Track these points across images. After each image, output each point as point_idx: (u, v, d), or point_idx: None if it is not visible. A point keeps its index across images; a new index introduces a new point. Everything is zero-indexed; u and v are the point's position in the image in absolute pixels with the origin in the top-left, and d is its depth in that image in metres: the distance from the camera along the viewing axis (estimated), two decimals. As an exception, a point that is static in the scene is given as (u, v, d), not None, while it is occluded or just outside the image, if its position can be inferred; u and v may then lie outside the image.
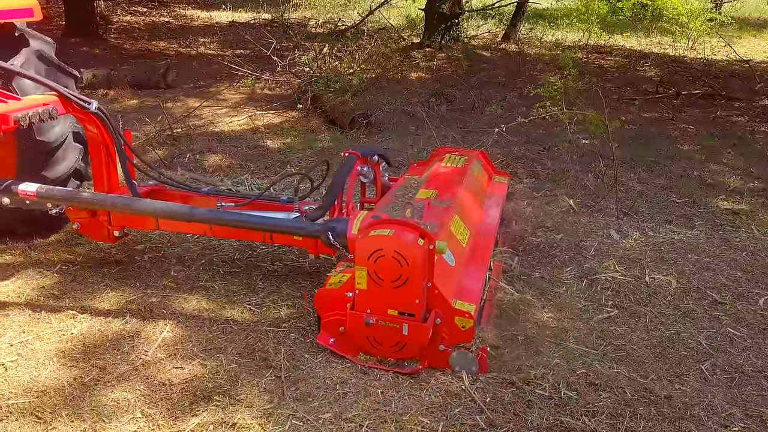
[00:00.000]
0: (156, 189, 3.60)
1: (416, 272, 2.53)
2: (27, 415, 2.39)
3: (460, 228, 3.15)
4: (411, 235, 2.57)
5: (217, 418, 2.41)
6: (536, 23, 12.73)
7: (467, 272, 2.97)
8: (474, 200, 3.58)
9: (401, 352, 2.68)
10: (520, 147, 5.82)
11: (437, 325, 2.63)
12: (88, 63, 8.57)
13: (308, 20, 13.15)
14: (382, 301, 2.61)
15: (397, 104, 7.05)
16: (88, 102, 3.20)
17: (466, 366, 2.66)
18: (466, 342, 2.64)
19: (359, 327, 2.66)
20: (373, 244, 2.57)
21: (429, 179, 3.58)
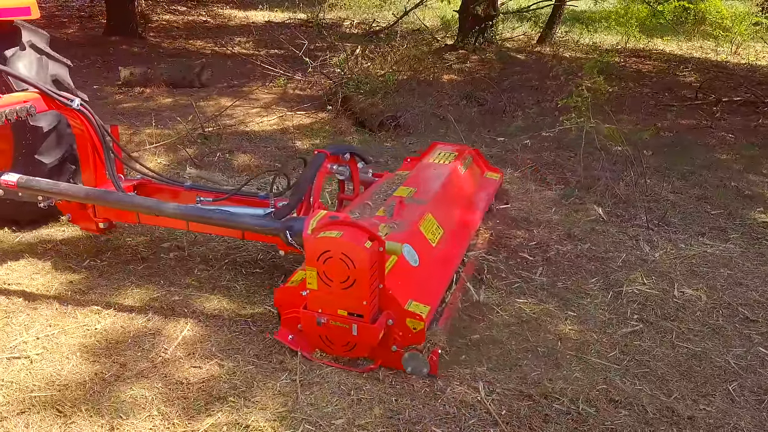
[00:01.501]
0: (142, 183, 3.68)
1: (364, 274, 2.52)
2: (48, 409, 2.45)
3: (432, 227, 3.14)
4: (358, 237, 2.56)
5: (231, 419, 2.43)
6: (573, 26, 12.52)
7: (431, 273, 2.95)
8: (455, 198, 3.54)
9: (352, 352, 2.69)
10: (551, 152, 5.73)
11: (389, 326, 2.63)
12: (126, 61, 8.77)
13: (343, 21, 13.20)
14: (332, 302, 2.62)
15: (426, 106, 7.01)
16: (70, 99, 3.29)
17: (418, 367, 2.66)
18: (417, 344, 2.64)
19: (312, 326, 2.68)
20: (322, 245, 2.57)
21: (411, 176, 3.60)
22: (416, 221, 3.07)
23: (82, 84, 7.88)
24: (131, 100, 7.30)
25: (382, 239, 2.59)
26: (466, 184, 3.79)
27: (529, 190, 4.85)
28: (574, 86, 5.87)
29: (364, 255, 2.50)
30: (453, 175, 3.68)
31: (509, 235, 4.03)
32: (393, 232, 2.93)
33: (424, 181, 3.54)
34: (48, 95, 3.24)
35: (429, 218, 3.17)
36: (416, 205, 3.21)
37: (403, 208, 3.15)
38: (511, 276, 3.56)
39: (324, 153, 3.24)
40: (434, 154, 3.99)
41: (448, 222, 3.30)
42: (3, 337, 2.88)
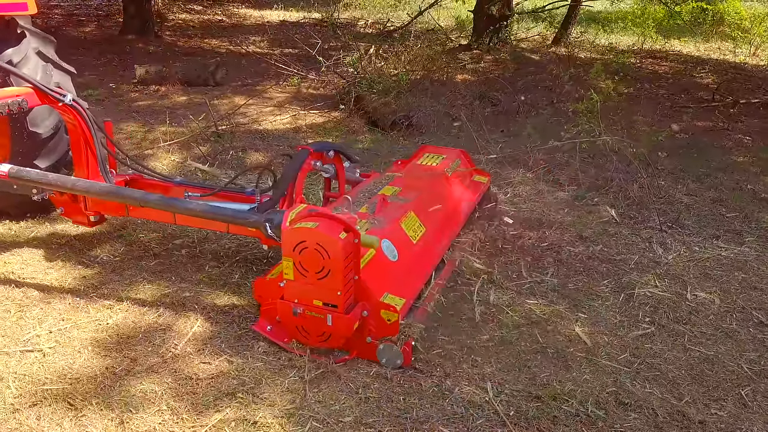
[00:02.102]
0: (133, 178, 3.74)
1: (338, 265, 2.55)
2: (60, 401, 2.48)
3: (414, 225, 3.20)
4: (333, 228, 2.59)
5: (239, 415, 2.44)
6: (588, 26, 12.43)
7: (410, 268, 2.98)
8: (440, 199, 3.60)
9: (327, 342, 2.72)
10: (564, 154, 5.68)
11: (364, 317, 2.68)
12: (142, 59, 8.86)
13: (357, 20, 13.21)
14: (308, 292, 2.66)
15: (439, 106, 7.00)
16: (62, 95, 3.34)
17: (392, 359, 2.70)
18: (391, 335, 2.68)
19: (288, 316, 2.72)
20: (298, 235, 2.61)
21: (398, 177, 3.68)
22: (398, 218, 3.14)
23: (99, 82, 7.98)
24: (146, 98, 7.36)
25: (357, 231, 2.63)
26: (452, 185, 3.85)
27: (542, 191, 4.82)
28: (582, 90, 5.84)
29: (338, 246, 2.54)
30: (439, 177, 3.76)
31: (521, 236, 4.01)
32: (373, 228, 2.98)
33: (410, 181, 3.63)
34: (41, 90, 3.30)
35: (411, 216, 3.24)
36: (399, 204, 3.29)
37: (386, 206, 3.22)
38: (522, 277, 3.55)
39: (307, 149, 3.26)
40: (423, 156, 4.07)
41: (431, 221, 3.36)
42: (17, 331, 2.91)
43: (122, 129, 6.09)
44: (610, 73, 8.79)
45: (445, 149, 4.30)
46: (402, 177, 3.70)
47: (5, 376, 2.60)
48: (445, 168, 3.88)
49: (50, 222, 4.03)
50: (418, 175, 3.75)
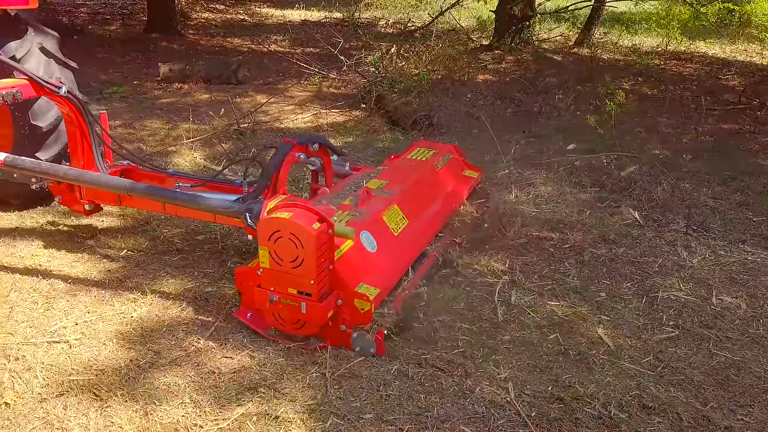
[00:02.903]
0: (128, 169, 3.82)
1: (311, 254, 2.60)
2: (85, 392, 2.52)
3: (397, 217, 3.24)
4: (307, 218, 2.64)
5: (261, 409, 2.45)
6: (612, 27, 12.31)
7: (389, 259, 3.01)
8: (426, 192, 3.64)
9: (302, 330, 2.78)
10: (585, 155, 5.62)
11: (339, 306, 2.73)
12: (165, 57, 8.96)
13: (378, 20, 13.23)
14: (283, 280, 2.71)
15: (460, 106, 6.99)
16: (57, 87, 3.43)
17: (365, 347, 2.75)
18: (364, 324, 2.73)
19: (265, 304, 2.78)
20: (273, 225, 2.66)
21: (386, 170, 3.74)
22: (380, 211, 3.18)
23: (123, 79, 8.09)
24: (170, 95, 7.44)
25: (331, 222, 2.68)
26: (441, 180, 3.87)
27: (564, 192, 4.78)
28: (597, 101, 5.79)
29: (311, 236, 2.59)
30: (427, 171, 3.80)
31: (543, 237, 3.98)
32: (354, 220, 3.02)
33: (397, 174, 3.68)
34: (36, 82, 3.38)
35: (394, 209, 3.27)
36: (383, 196, 3.34)
37: (369, 198, 3.27)
38: (544, 278, 3.52)
39: (291, 142, 3.31)
40: (414, 150, 4.12)
41: (414, 214, 3.38)
42: (44, 322, 2.97)
43: (146, 126, 6.17)
44: (633, 75, 8.71)
45: (438, 144, 4.33)
46: (390, 170, 3.76)
47: (33, 366, 2.65)
48: (435, 162, 3.92)
49: (76, 217, 4.09)
50: (406, 169, 3.80)
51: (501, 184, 4.87)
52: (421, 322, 2.94)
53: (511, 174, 5.07)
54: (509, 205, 4.44)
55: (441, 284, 3.35)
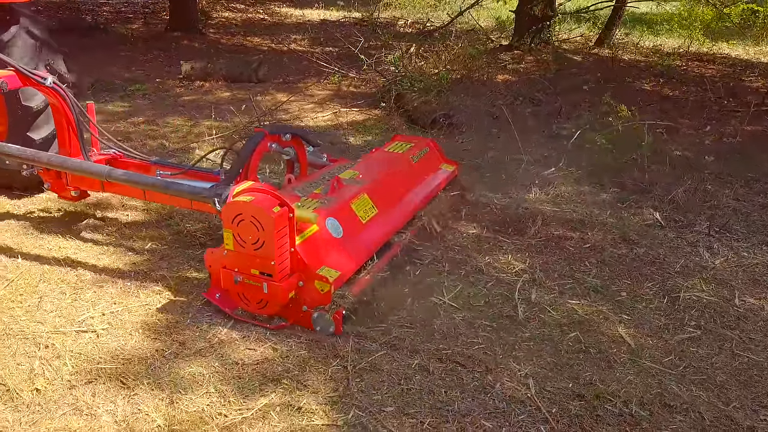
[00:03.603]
0: (114, 157, 3.94)
1: (271, 236, 2.72)
2: (113, 380, 2.57)
3: (366, 206, 3.36)
4: (268, 202, 2.77)
5: (284, 400, 2.49)
6: (633, 28, 12.21)
7: (353, 245, 3.12)
8: (398, 184, 3.74)
9: (264, 309, 2.91)
10: (607, 154, 5.60)
11: (300, 287, 2.85)
12: (187, 56, 9.06)
13: (397, 20, 13.25)
14: (246, 262, 2.84)
15: (480, 106, 6.99)
16: (43, 78, 3.54)
17: (325, 327, 2.87)
18: (324, 304, 2.85)
19: (231, 284, 2.91)
20: (236, 209, 2.80)
21: (361, 162, 3.87)
22: (349, 199, 3.29)
23: (146, 77, 8.20)
24: (191, 93, 7.53)
25: (291, 206, 2.80)
26: (415, 172, 3.96)
27: (583, 191, 4.77)
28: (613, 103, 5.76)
29: (271, 218, 2.71)
30: (401, 163, 3.91)
31: (563, 236, 3.98)
32: (321, 207, 3.13)
33: (371, 166, 3.80)
34: (22, 73, 3.50)
35: (364, 198, 3.39)
36: (354, 186, 3.44)
37: (340, 187, 3.38)
38: (564, 277, 3.52)
39: (262, 131, 3.41)
40: (393, 144, 4.22)
41: (385, 203, 3.48)
42: (72, 312, 3.03)
43: (168, 123, 6.26)
44: (654, 76, 8.65)
45: (416, 138, 4.45)
46: (365, 162, 3.88)
47: (62, 354, 2.71)
48: (411, 155, 4.02)
49: (101, 209, 4.17)
50: (380, 161, 3.92)
51: (521, 183, 4.86)
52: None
53: (530, 173, 5.07)
54: (529, 204, 4.44)
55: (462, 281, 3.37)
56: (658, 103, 7.40)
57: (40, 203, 4.25)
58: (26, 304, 3.07)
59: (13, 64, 3.49)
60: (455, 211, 4.18)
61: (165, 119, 6.36)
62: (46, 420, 2.37)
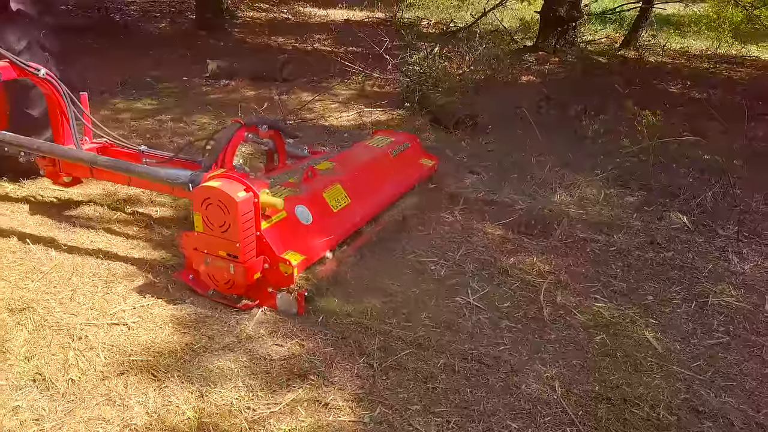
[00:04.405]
0: (104, 146, 4.15)
1: (236, 220, 2.86)
2: (144, 372, 2.63)
3: (339, 196, 3.50)
4: (234, 187, 2.90)
5: (311, 396, 2.52)
6: (660, 29, 12.06)
7: (322, 232, 3.25)
8: (375, 176, 3.86)
9: (232, 289, 3.05)
10: (633, 157, 5.56)
11: (266, 269, 2.99)
12: (213, 55, 9.15)
13: (420, 20, 13.25)
14: (214, 244, 2.99)
15: (504, 107, 6.96)
16: (37, 69, 3.74)
17: (288, 307, 3.02)
18: (287, 286, 3.00)
19: (201, 265, 3.07)
20: (204, 193, 2.95)
21: (340, 155, 4.02)
22: (321, 189, 3.43)
23: (172, 75, 8.31)
24: (217, 91, 7.62)
25: (256, 192, 2.93)
26: (392, 166, 4.07)
27: (609, 194, 4.73)
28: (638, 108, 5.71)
29: (235, 203, 2.85)
30: (379, 157, 4.04)
31: (588, 239, 3.96)
32: (293, 195, 3.28)
33: (349, 158, 3.94)
34: (16, 64, 3.68)
35: (337, 188, 3.52)
36: (328, 176, 3.59)
37: (314, 177, 3.52)
38: (590, 280, 3.51)
39: (238, 122, 3.55)
40: (374, 138, 4.37)
41: (358, 194, 3.60)
42: (104, 305, 3.09)
43: (195, 121, 6.34)
44: (681, 78, 8.54)
45: (397, 133, 4.57)
46: (343, 155, 4.03)
47: (95, 346, 2.77)
48: (391, 150, 4.14)
49: (131, 205, 4.25)
50: (359, 154, 4.07)
51: (545, 184, 4.85)
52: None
53: (555, 175, 5.04)
54: (554, 206, 4.42)
55: (487, 282, 3.37)
56: (685, 105, 7.31)
57: (73, 199, 4.34)
58: (60, 296, 3.14)
59: (7, 56, 3.65)
60: (431, 203, 4.29)
61: (192, 117, 6.45)
62: (80, 409, 2.43)
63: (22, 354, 2.72)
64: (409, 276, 3.45)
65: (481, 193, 4.67)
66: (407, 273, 3.48)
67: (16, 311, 2.99)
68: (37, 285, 3.23)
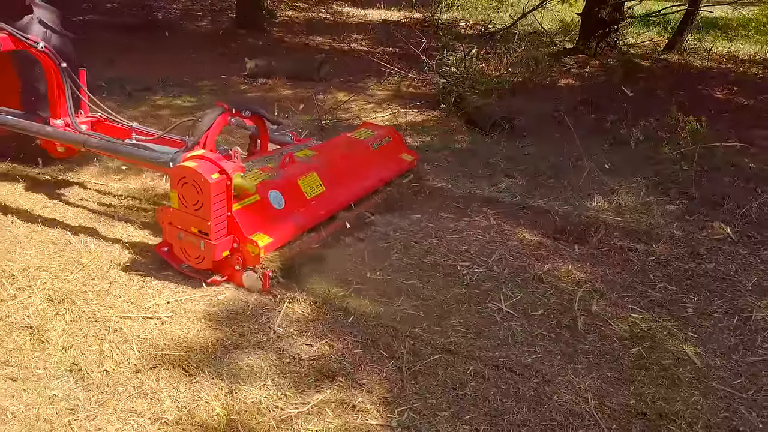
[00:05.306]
0: (98, 120, 4.34)
1: (208, 199, 3.03)
2: (176, 366, 2.66)
3: (314, 184, 3.61)
4: (208, 168, 3.06)
5: (339, 397, 2.51)
6: (706, 33, 11.71)
7: (293, 217, 3.38)
8: (352, 167, 3.96)
9: (201, 264, 3.22)
10: (675, 164, 5.40)
11: (235, 248, 3.16)
12: (252, 53, 9.26)
13: (459, 21, 13.16)
14: (187, 220, 3.17)
15: (542, 110, 6.85)
16: (36, 42, 3.93)
17: (253, 285, 3.19)
18: (253, 265, 3.16)
19: (175, 240, 3.25)
20: (181, 172, 3.12)
21: (322, 144, 4.14)
22: (296, 175, 3.56)
23: (211, 73, 8.43)
24: (255, 89, 7.71)
25: (230, 174, 3.08)
26: (371, 158, 4.15)
27: (649, 202, 4.60)
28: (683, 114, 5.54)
29: (209, 183, 3.02)
30: (360, 148, 4.13)
31: (626, 247, 3.86)
32: (268, 179, 3.40)
33: (329, 148, 4.04)
34: (14, 36, 3.87)
35: (313, 176, 3.64)
36: (305, 164, 3.70)
37: (292, 163, 3.63)
38: (627, 289, 3.42)
39: (222, 106, 3.66)
40: (358, 131, 4.44)
41: (333, 183, 3.71)
42: (139, 298, 3.15)
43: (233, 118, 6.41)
44: (728, 84, 8.27)
45: (381, 127, 4.64)
46: (324, 144, 4.14)
47: (130, 339, 2.82)
48: (372, 142, 4.23)
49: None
50: (339, 145, 4.17)
51: (583, 190, 4.75)
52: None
53: (593, 180, 4.93)
54: (591, 212, 4.33)
55: (520, 288, 3.32)
56: (731, 112, 7.08)
57: (112, 193, 4.44)
58: (97, 288, 3.21)
59: (6, 28, 3.81)
60: (463, 206, 4.33)
61: (229, 115, 6.52)
62: (114, 401, 2.47)
63: (60, 344, 2.78)
64: (441, 280, 3.42)
65: (516, 197, 4.60)
66: (438, 277, 3.45)
67: (55, 302, 3.07)
68: (76, 277, 3.30)
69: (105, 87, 7.02)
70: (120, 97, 6.70)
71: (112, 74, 7.67)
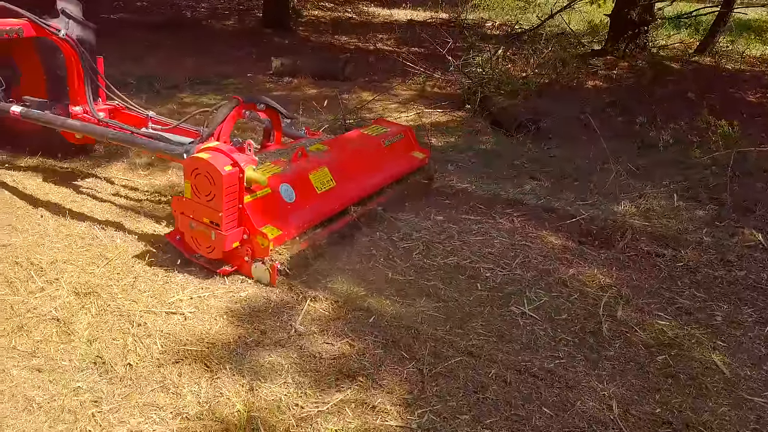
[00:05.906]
0: (116, 108, 4.44)
1: (221, 191, 3.08)
2: (198, 362, 2.68)
3: (325, 178, 3.63)
4: (221, 161, 3.11)
5: (359, 397, 2.50)
6: (739, 35, 11.46)
7: (303, 211, 3.41)
8: (363, 163, 3.95)
9: (212, 254, 3.27)
10: (705, 169, 5.28)
11: (245, 239, 3.20)
12: (278, 52, 9.32)
13: (485, 21, 13.09)
14: (200, 211, 3.22)
15: (569, 112, 6.77)
16: (57, 29, 3.98)
17: (262, 276, 3.23)
18: (262, 257, 3.19)
19: (187, 228, 3.31)
20: (194, 163, 3.16)
21: (334, 139, 4.14)
22: (308, 169, 3.57)
23: (237, 71, 8.51)
24: (280, 88, 7.75)
25: (242, 167, 3.12)
26: (382, 154, 4.14)
27: (678, 207, 4.51)
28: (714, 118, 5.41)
29: (221, 175, 3.07)
30: (371, 145, 4.13)
31: (653, 252, 3.79)
32: (280, 173, 3.41)
33: (341, 144, 4.04)
34: (36, 23, 3.91)
35: (324, 171, 3.65)
36: (317, 159, 3.70)
37: (304, 157, 3.63)
38: (654, 296, 3.35)
39: (237, 99, 3.68)
40: (371, 127, 4.43)
41: (344, 178, 3.72)
42: (163, 293, 3.18)
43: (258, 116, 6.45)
44: (761, 87, 8.07)
45: (394, 124, 4.60)
46: (337, 139, 4.13)
47: (153, 334, 2.85)
48: (384, 139, 4.21)
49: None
50: (352, 140, 4.16)
51: (609, 194, 4.67)
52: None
53: (620, 184, 4.85)
54: (618, 217, 4.25)
55: (544, 292, 3.27)
56: (764, 116, 6.90)
57: (139, 189, 4.50)
58: (122, 282, 3.25)
59: (27, 15, 3.85)
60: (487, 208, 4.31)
61: (254, 113, 6.56)
62: (136, 394, 2.50)
63: (85, 337, 2.82)
64: (463, 282, 3.39)
65: (541, 199, 4.54)
66: (461, 279, 3.42)
67: (81, 295, 3.11)
68: (102, 270, 3.35)
69: (134, 84, 7.13)
70: (148, 94, 6.79)
71: (142, 72, 7.79)
